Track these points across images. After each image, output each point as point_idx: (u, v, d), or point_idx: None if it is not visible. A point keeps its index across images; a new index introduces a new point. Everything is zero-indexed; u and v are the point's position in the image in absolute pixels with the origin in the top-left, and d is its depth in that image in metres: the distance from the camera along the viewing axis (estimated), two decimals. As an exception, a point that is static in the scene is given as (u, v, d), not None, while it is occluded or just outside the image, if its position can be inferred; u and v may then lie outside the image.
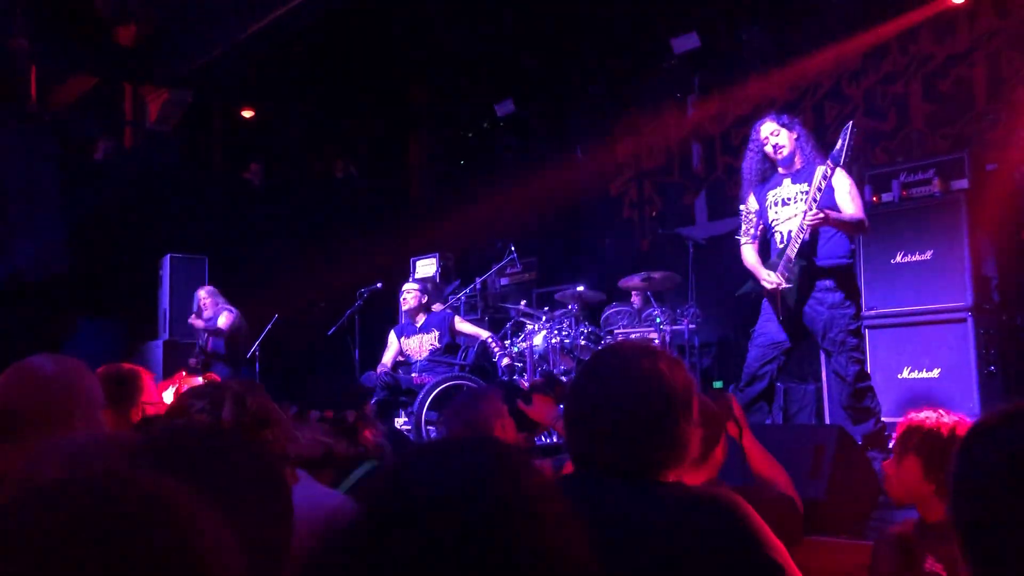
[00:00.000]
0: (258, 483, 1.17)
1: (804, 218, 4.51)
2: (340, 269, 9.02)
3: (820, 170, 4.61)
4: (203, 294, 8.23)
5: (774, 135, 4.74)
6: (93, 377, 2.00)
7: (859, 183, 5.99)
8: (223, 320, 8.03)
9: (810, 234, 4.59)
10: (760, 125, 4.81)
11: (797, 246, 4.59)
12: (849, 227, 4.67)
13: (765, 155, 4.79)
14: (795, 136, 4.75)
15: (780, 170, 4.80)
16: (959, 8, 7.15)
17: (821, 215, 4.45)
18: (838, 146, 4.46)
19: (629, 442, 1.56)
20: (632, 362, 1.63)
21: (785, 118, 4.82)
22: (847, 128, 4.49)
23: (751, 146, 4.87)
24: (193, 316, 8.22)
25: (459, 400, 3.41)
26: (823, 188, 4.50)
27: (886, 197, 6.12)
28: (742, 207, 4.97)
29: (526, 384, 6.82)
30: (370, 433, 2.61)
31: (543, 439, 5.89)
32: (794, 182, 4.75)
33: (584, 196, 10.02)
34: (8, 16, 8.57)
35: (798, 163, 4.75)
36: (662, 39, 8.40)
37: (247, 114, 10.44)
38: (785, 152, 4.73)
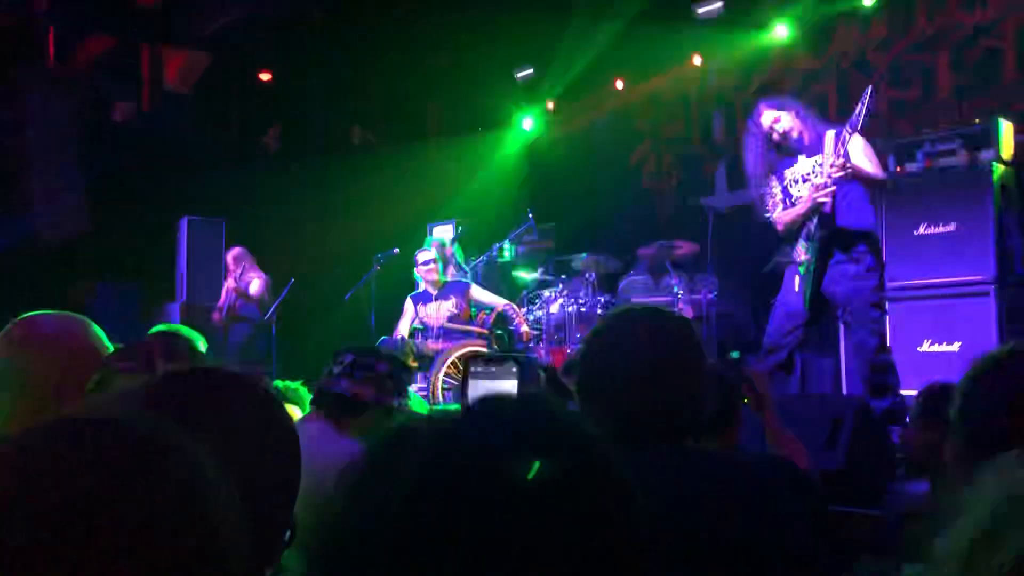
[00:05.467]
0: (261, 420, 1.15)
1: (826, 173, 4.41)
2: (357, 234, 9.01)
3: (830, 135, 4.54)
4: (229, 258, 8.34)
5: (777, 123, 4.67)
6: (95, 335, 1.98)
7: (883, 153, 5.90)
8: (255, 287, 8.18)
9: (830, 206, 4.51)
10: (759, 116, 4.73)
11: (816, 218, 4.53)
12: (870, 182, 4.58)
13: (771, 143, 4.72)
14: (794, 113, 4.68)
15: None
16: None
17: (841, 167, 4.35)
18: (856, 110, 4.34)
19: (663, 405, 1.55)
20: (658, 325, 1.62)
21: (775, 101, 4.75)
22: (866, 92, 4.37)
23: (753, 139, 4.77)
24: (227, 282, 8.34)
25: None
26: (842, 153, 4.41)
27: (910, 167, 6.02)
28: (773, 185, 4.83)
29: (543, 353, 6.82)
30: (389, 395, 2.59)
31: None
32: (808, 156, 4.69)
33: (603, 164, 9.94)
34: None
35: (807, 138, 4.68)
36: (684, 3, 8.27)
37: (265, 77, 10.38)
38: (795, 135, 4.67)
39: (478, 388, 1.08)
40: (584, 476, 0.72)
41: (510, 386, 1.09)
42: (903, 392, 4.59)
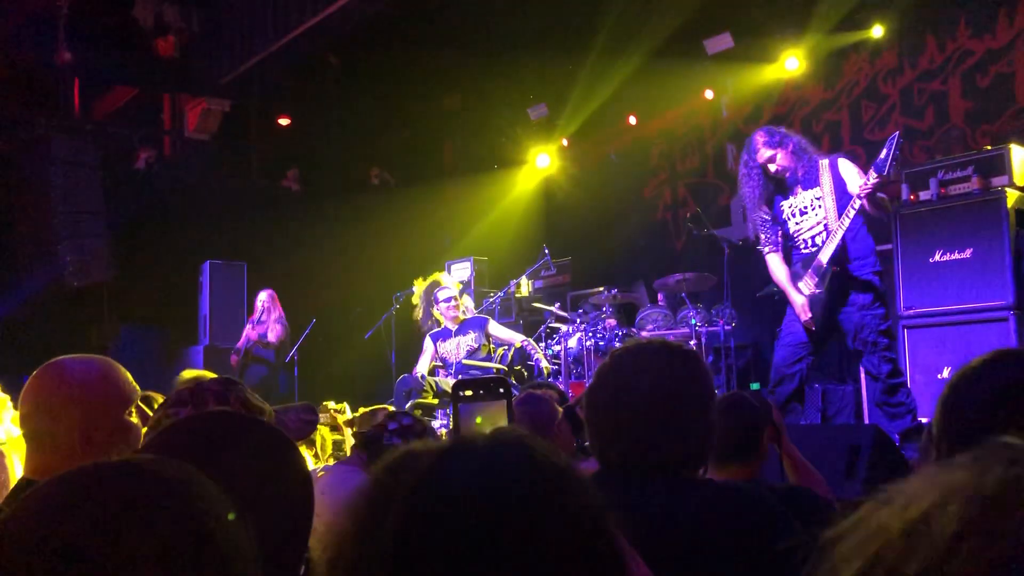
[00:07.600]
0: (274, 461, 1.19)
1: (864, 188, 4.45)
2: (376, 274, 9.09)
3: (824, 164, 4.67)
4: (263, 297, 8.40)
5: (772, 161, 4.77)
6: (121, 377, 2.00)
7: (896, 182, 5.93)
8: (273, 334, 8.26)
9: (841, 238, 4.59)
10: (755, 152, 4.80)
11: (831, 250, 4.58)
12: (886, 203, 4.68)
13: (768, 176, 4.81)
14: (790, 148, 4.75)
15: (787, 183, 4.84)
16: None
17: (876, 183, 4.43)
18: (882, 155, 4.40)
19: (645, 439, 1.57)
20: (643, 361, 1.64)
21: (776, 136, 4.81)
22: (893, 138, 4.43)
23: (750, 172, 4.85)
24: (249, 328, 8.40)
25: (517, 402, 3.44)
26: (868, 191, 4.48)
27: (924, 195, 6.03)
28: (764, 214, 4.92)
29: (561, 385, 6.83)
30: None
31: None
32: (805, 188, 4.79)
33: (618, 199, 10.01)
34: (52, 30, 8.77)
35: (802, 172, 4.77)
36: (695, 39, 8.36)
37: (283, 122, 10.56)
38: (787, 174, 4.77)
39: (468, 413, 1.13)
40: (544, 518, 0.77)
41: (498, 408, 1.13)
42: (922, 419, 4.58)
